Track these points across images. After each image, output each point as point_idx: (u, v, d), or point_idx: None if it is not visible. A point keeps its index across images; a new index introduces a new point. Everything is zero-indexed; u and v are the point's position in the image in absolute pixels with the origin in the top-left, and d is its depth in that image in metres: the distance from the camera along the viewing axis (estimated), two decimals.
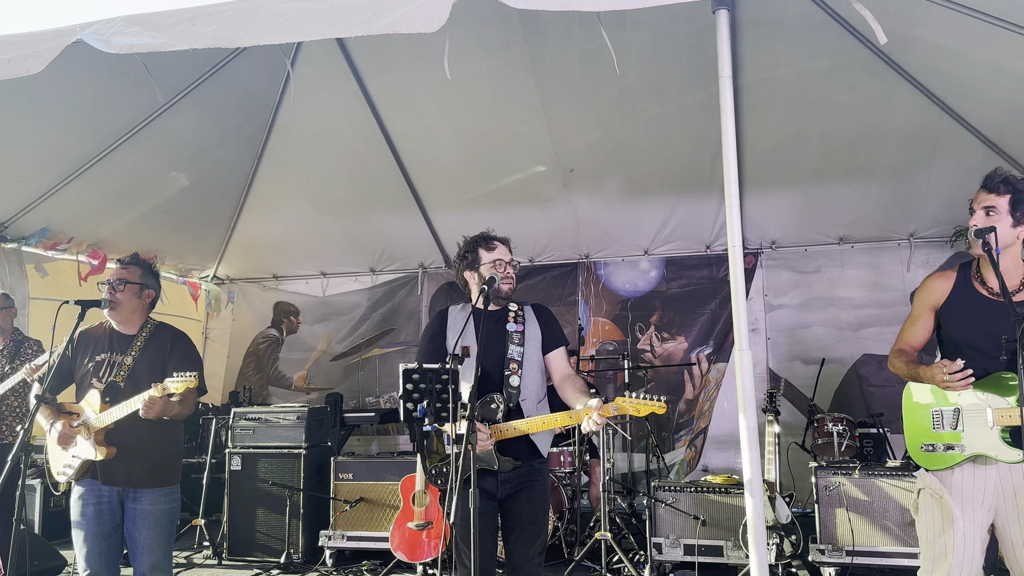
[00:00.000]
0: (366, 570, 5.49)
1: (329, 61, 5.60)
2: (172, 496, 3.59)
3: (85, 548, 3.43)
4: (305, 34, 3.12)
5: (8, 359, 4.99)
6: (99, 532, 3.43)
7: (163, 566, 3.51)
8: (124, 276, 3.65)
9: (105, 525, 3.45)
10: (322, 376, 8.32)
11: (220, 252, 8.07)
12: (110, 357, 3.59)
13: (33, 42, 3.36)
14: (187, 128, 5.91)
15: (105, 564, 3.44)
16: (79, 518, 3.46)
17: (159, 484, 3.53)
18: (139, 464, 3.49)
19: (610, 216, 7.07)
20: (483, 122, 6.03)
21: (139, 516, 3.46)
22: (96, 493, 3.47)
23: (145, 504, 3.47)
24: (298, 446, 5.96)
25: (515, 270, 3.66)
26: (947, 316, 2.98)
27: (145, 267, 3.76)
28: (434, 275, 8.16)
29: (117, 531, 3.50)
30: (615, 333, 7.58)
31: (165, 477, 3.57)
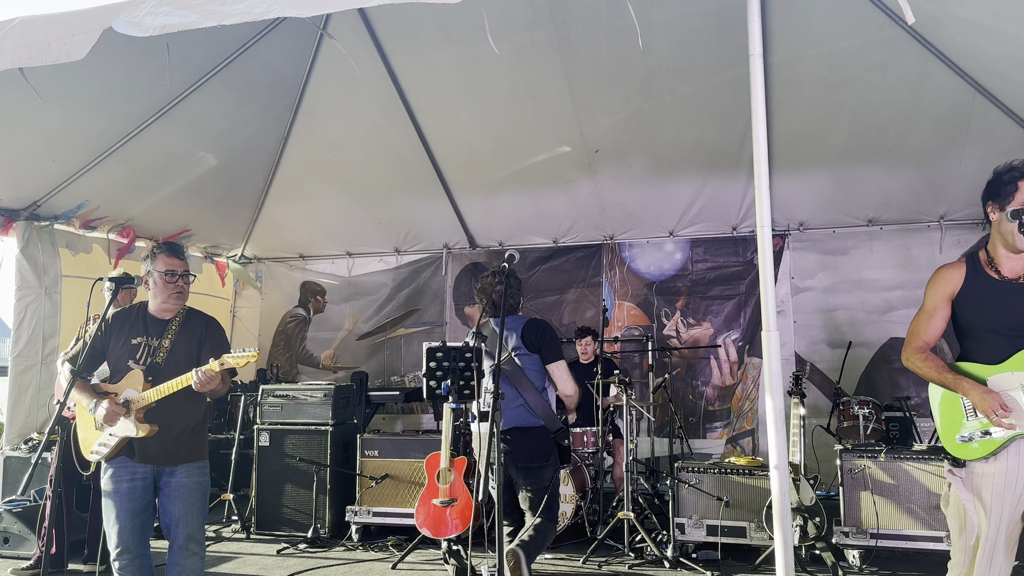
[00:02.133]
0: (391, 545, 5.57)
1: (355, 41, 5.61)
2: (204, 469, 3.65)
3: (118, 525, 3.48)
4: (332, 5, 3.12)
5: None
6: (132, 509, 3.48)
7: (197, 537, 3.58)
8: (186, 268, 3.70)
9: (138, 502, 3.51)
10: (349, 355, 8.41)
11: (248, 231, 8.15)
12: (147, 340, 3.62)
13: (68, 23, 3.40)
14: (216, 108, 5.97)
15: (137, 540, 3.49)
16: (112, 495, 3.51)
17: (192, 459, 3.60)
18: (174, 441, 3.55)
19: (635, 197, 7.04)
20: (509, 102, 6.02)
21: (173, 489, 3.52)
22: (130, 470, 3.52)
23: (180, 477, 3.54)
24: (325, 423, 6.04)
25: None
26: (963, 303, 2.96)
27: (186, 256, 3.81)
28: (459, 255, 8.19)
29: (149, 508, 3.56)
30: (641, 318, 7.57)
31: (197, 451, 3.64)
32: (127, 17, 3.33)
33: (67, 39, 3.37)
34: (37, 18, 3.59)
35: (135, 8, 3.33)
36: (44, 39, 3.41)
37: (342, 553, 5.49)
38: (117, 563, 3.47)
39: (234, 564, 5.26)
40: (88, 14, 3.45)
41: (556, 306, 7.81)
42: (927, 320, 3.00)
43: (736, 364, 7.26)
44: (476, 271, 8.09)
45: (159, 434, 3.51)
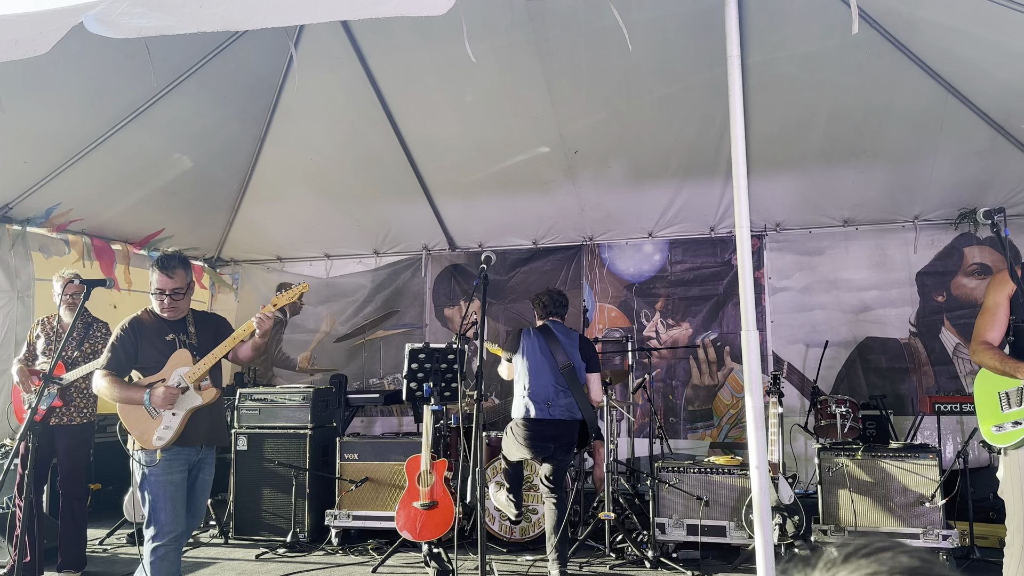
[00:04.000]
0: (371, 548, 5.54)
1: (333, 42, 5.58)
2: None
3: (175, 512, 3.64)
4: (313, 16, 3.10)
5: (77, 342, 5.11)
6: (181, 497, 3.68)
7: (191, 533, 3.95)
8: (176, 285, 3.77)
9: (185, 491, 3.72)
10: (326, 357, 8.35)
11: (224, 233, 8.07)
12: (178, 336, 3.82)
13: (39, 23, 3.35)
14: (191, 109, 5.90)
15: (184, 525, 3.71)
16: (168, 485, 3.64)
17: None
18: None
19: (614, 198, 7.06)
20: (487, 104, 6.02)
21: (200, 484, 3.81)
22: (184, 460, 3.70)
23: (205, 475, 3.83)
24: (304, 427, 6.00)
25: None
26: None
27: (184, 264, 3.86)
28: (438, 257, 8.17)
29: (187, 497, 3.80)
30: (621, 320, 7.59)
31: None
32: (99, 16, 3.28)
33: (34, 37, 3.32)
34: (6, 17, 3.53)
35: (108, 8, 3.29)
36: (12, 38, 3.35)
37: (322, 557, 5.45)
38: (162, 549, 3.60)
39: (213, 570, 5.20)
40: (59, 13, 3.40)
41: None
42: (991, 318, 3.30)
43: (715, 364, 7.30)
44: (456, 273, 8.08)
45: (207, 410, 3.74)
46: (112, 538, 5.98)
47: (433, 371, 3.92)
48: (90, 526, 6.27)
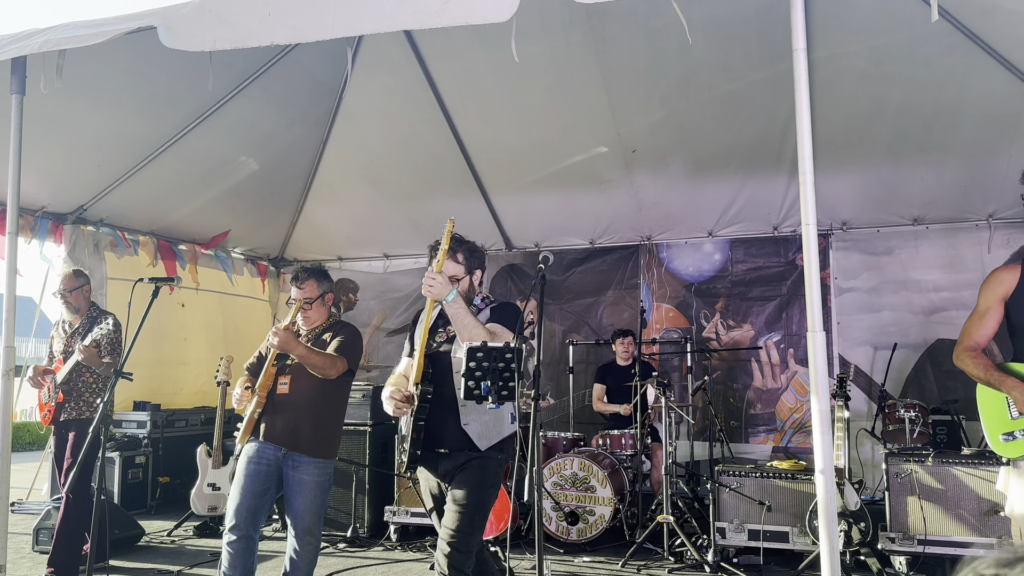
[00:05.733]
0: (429, 545, 5.58)
1: (393, 47, 5.65)
2: (326, 469, 3.83)
3: (236, 501, 3.72)
4: (378, 26, 3.16)
5: (82, 336, 4.93)
6: (252, 490, 3.70)
7: (314, 531, 3.80)
8: (306, 295, 3.90)
9: (259, 485, 3.72)
10: (381, 354, 8.46)
11: (287, 234, 8.25)
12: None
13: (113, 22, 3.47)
14: (255, 113, 6.05)
15: (251, 520, 3.71)
16: (240, 472, 3.76)
17: (316, 455, 3.76)
18: (301, 430, 3.76)
19: (673, 197, 6.98)
20: (545, 103, 6.01)
21: (295, 484, 3.74)
22: (259, 452, 3.75)
23: (302, 474, 3.74)
24: (364, 423, 6.08)
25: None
26: (1017, 305, 3.01)
27: (318, 274, 3.97)
28: (494, 257, 8.19)
29: (268, 493, 3.78)
30: (679, 320, 7.49)
31: (322, 450, 3.81)
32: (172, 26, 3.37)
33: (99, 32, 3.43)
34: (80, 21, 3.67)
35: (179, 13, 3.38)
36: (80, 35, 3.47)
37: (381, 553, 5.52)
38: (227, 537, 3.71)
39: (274, 563, 5.31)
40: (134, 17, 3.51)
41: (593, 308, 7.77)
42: (979, 321, 3.04)
43: (778, 367, 7.15)
44: (512, 272, 8.09)
45: (289, 418, 3.76)
46: (179, 530, 6.15)
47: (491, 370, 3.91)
48: (158, 518, 6.51)
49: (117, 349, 4.88)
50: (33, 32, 3.53)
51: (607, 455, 5.88)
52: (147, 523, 6.12)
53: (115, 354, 4.87)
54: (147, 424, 7.02)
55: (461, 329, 3.11)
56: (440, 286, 3.03)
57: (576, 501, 5.56)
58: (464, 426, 3.14)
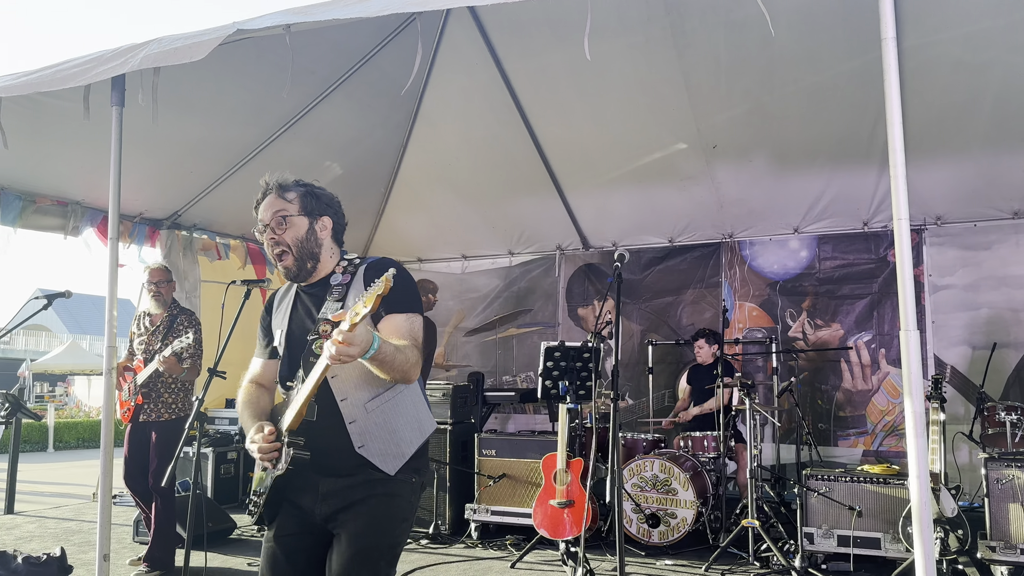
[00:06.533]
0: (510, 544, 5.62)
1: (471, 48, 5.71)
2: None
3: None
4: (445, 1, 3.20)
5: (162, 335, 5.09)
6: None
7: None
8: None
9: None
10: (459, 353, 8.56)
11: (370, 237, 8.44)
12: None
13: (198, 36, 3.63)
14: (340, 119, 6.21)
15: None
16: None
17: None
18: None
19: (756, 193, 6.81)
20: (622, 100, 5.96)
21: None
22: None
23: None
24: (444, 422, 6.16)
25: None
26: None
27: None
28: (571, 257, 8.18)
29: None
30: (763, 319, 7.31)
31: None
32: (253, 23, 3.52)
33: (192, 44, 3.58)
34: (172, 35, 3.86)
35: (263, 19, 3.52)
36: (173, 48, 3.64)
37: (462, 550, 5.58)
38: None
39: None
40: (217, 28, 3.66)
41: (672, 307, 7.66)
42: None
43: (869, 367, 6.89)
44: (589, 272, 8.06)
45: None
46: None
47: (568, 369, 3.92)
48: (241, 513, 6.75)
49: (199, 351, 5.05)
50: (132, 47, 3.71)
51: (689, 457, 5.79)
52: (238, 517, 6.35)
53: (196, 357, 5.02)
54: (238, 421, 7.31)
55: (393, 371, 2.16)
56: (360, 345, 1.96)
57: (657, 503, 5.49)
58: (359, 449, 2.24)
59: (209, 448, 6.90)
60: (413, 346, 2.21)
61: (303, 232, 2.37)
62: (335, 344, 1.93)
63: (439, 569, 5.13)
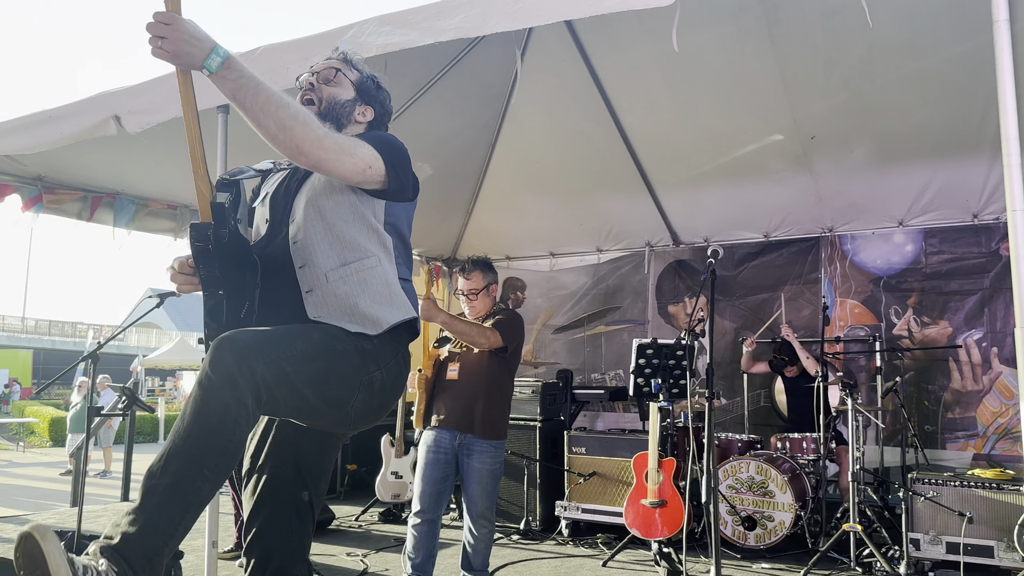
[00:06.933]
0: (601, 542, 5.61)
1: (559, 46, 5.71)
2: (497, 455, 4.07)
3: (420, 488, 4.03)
4: (540, 18, 3.22)
5: None
6: (433, 477, 4.00)
7: (488, 516, 4.07)
8: (471, 287, 4.17)
9: (439, 472, 4.01)
10: (548, 351, 8.58)
11: (459, 236, 8.56)
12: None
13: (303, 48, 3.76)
14: (430, 121, 6.32)
15: (433, 504, 4.01)
16: (420, 461, 4.07)
17: (487, 436, 4.00)
18: (465, 414, 4.00)
19: (857, 185, 6.54)
20: (714, 93, 5.84)
21: (470, 471, 4.01)
22: (437, 441, 4.04)
23: (475, 461, 4.00)
24: (533, 418, 6.20)
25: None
26: None
27: (483, 265, 4.22)
28: (661, 253, 8.07)
29: (448, 479, 4.08)
30: (866, 316, 7.01)
31: (494, 431, 4.04)
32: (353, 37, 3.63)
33: (302, 62, 3.73)
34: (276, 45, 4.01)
35: (359, 30, 3.63)
36: (283, 64, 3.79)
37: (553, 547, 5.61)
38: (412, 520, 4.01)
39: (453, 550, 5.54)
40: (319, 38, 3.80)
41: (768, 304, 7.46)
42: None
43: (980, 367, 6.52)
44: (680, 269, 7.94)
45: (459, 402, 4.00)
46: (366, 515, 6.57)
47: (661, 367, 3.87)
48: (346, 503, 6.98)
49: None
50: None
51: (787, 459, 5.63)
52: (337, 508, 6.58)
53: None
54: None
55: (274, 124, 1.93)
56: (181, 36, 1.73)
57: (753, 506, 5.37)
58: (307, 294, 2.05)
59: None
60: (330, 137, 1.94)
61: (342, 99, 2.27)
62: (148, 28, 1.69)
63: (531, 565, 5.17)
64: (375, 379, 2.03)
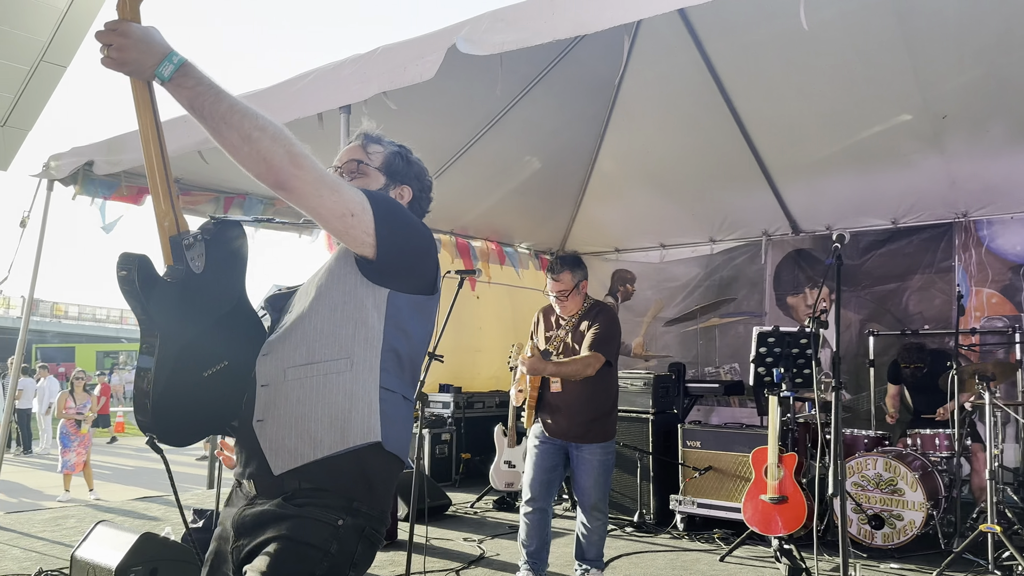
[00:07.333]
0: (717, 537, 5.49)
1: (670, 32, 5.62)
2: (608, 449, 4.14)
3: (530, 476, 4.14)
4: (653, 8, 3.19)
5: None
6: (543, 466, 4.12)
7: (601, 507, 4.14)
8: (560, 288, 4.21)
9: (549, 462, 4.13)
10: (658, 343, 8.46)
11: (567, 229, 8.57)
12: (555, 333, 4.30)
13: (419, 46, 3.86)
14: (539, 114, 6.36)
15: (544, 493, 4.12)
16: (531, 452, 4.19)
17: (597, 440, 4.09)
18: (579, 425, 4.08)
19: (995, 167, 6.11)
20: (834, 74, 5.59)
21: (580, 463, 4.10)
22: (543, 434, 4.15)
23: (586, 454, 4.08)
24: (645, 411, 6.14)
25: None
26: None
27: (571, 264, 4.26)
28: (779, 242, 7.80)
29: (557, 469, 4.18)
30: (1004, 306, 6.55)
31: (602, 434, 4.12)
32: (467, 36, 3.69)
33: (418, 61, 3.83)
34: (393, 45, 4.13)
35: (474, 27, 3.69)
36: (400, 63, 3.90)
37: (668, 541, 5.54)
38: (524, 509, 4.12)
39: (566, 540, 5.56)
40: (435, 36, 3.88)
41: (896, 294, 7.08)
42: None
43: None
44: (800, 258, 7.65)
45: (565, 416, 4.07)
46: (480, 503, 6.69)
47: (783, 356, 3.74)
48: (461, 491, 7.13)
49: None
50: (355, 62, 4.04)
51: (917, 456, 5.34)
52: (452, 495, 6.73)
53: None
54: (450, 405, 7.74)
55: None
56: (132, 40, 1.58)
57: (880, 504, 5.13)
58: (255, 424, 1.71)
59: (425, 429, 7.35)
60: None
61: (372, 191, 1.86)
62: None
63: (645, 557, 5.13)
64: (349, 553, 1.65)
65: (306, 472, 1.65)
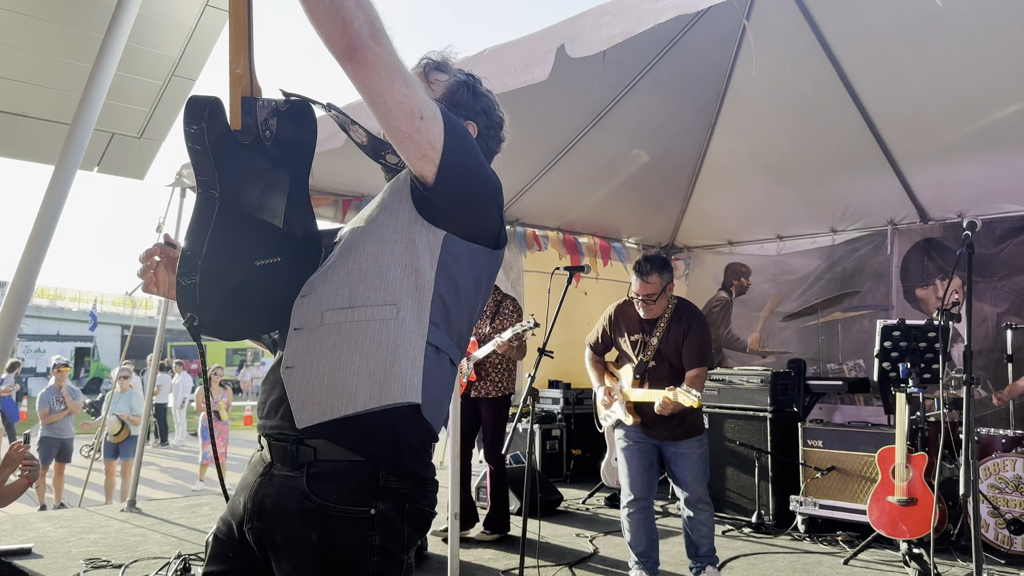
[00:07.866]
0: (841, 540, 5.27)
1: (782, 14, 5.44)
2: (703, 442, 4.18)
3: (628, 476, 4.16)
4: None
5: (489, 319, 5.52)
6: (640, 464, 4.15)
7: (704, 498, 4.15)
8: (649, 291, 4.16)
9: (644, 461, 4.16)
10: (776, 339, 8.17)
11: (677, 222, 8.42)
12: (641, 338, 4.24)
13: (527, 47, 3.90)
14: (646, 106, 6.29)
15: (645, 490, 4.15)
16: (622, 454, 4.20)
17: (690, 435, 4.13)
18: (673, 428, 4.09)
19: None
20: (964, 50, 5.24)
21: (678, 458, 4.14)
22: (635, 434, 4.16)
23: (683, 449, 4.12)
24: (763, 409, 5.96)
25: None
26: None
27: (660, 267, 4.20)
28: (906, 231, 7.37)
29: (653, 467, 4.21)
30: None
31: (694, 430, 4.16)
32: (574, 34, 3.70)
33: (528, 63, 3.86)
34: (500, 47, 4.18)
35: (581, 23, 3.69)
36: (509, 65, 3.95)
37: (788, 542, 5.37)
38: (627, 509, 4.13)
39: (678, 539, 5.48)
40: (542, 36, 3.91)
41: None
42: None
43: None
44: (929, 248, 7.21)
45: (659, 420, 4.04)
46: (592, 499, 6.69)
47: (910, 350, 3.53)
48: (573, 487, 7.15)
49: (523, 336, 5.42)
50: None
51: None
52: (563, 490, 6.76)
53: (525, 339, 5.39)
54: (560, 401, 7.76)
55: None
56: None
57: (1021, 508, 4.78)
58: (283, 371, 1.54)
59: (536, 425, 7.41)
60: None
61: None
62: None
63: (764, 558, 4.99)
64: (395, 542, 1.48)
65: (332, 431, 1.45)
